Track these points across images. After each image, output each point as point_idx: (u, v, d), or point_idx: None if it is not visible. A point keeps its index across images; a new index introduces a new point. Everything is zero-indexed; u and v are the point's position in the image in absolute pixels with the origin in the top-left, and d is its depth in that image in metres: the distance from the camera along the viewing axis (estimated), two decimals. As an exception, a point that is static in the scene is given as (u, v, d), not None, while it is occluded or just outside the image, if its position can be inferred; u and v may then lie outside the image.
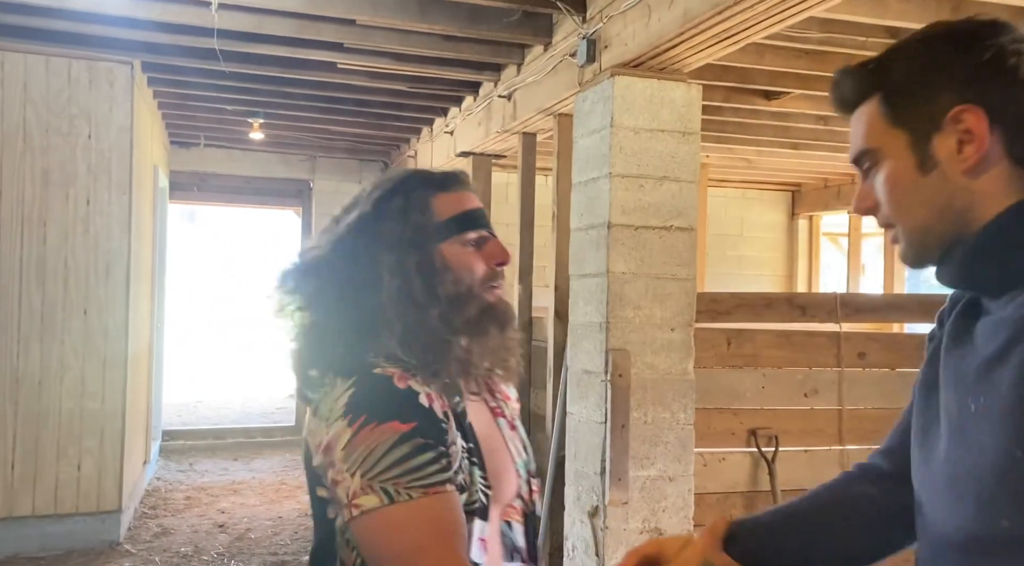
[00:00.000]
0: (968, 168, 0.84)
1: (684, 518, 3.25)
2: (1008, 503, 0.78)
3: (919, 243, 0.89)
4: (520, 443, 1.20)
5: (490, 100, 4.77)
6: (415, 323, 1.05)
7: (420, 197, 1.11)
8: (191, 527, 4.85)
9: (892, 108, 0.87)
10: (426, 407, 1.00)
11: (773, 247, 8.47)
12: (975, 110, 0.82)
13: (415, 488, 0.95)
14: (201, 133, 6.79)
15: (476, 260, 1.11)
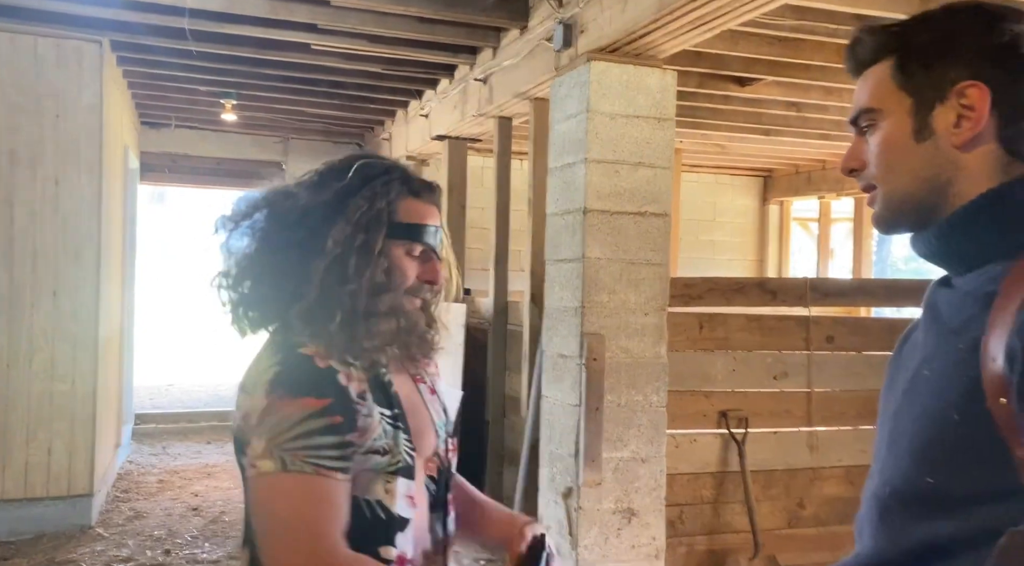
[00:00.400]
0: (961, 142, 0.86)
1: (657, 498, 3.31)
2: (937, 462, 0.82)
3: (896, 209, 0.91)
4: (440, 406, 1.30)
5: (466, 83, 4.76)
6: (333, 293, 1.14)
7: (394, 191, 1.20)
8: (164, 510, 4.84)
9: (903, 72, 0.89)
10: (343, 386, 1.09)
11: (744, 232, 8.57)
12: (981, 87, 0.84)
13: (309, 464, 1.05)
14: (172, 114, 6.69)
15: (412, 269, 1.22)
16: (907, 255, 15.69)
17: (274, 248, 1.18)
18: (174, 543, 4.26)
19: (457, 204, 5.46)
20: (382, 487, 1.12)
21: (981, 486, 0.78)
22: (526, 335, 4.16)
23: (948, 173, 0.87)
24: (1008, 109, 0.85)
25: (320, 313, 1.14)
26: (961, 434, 0.80)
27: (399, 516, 1.13)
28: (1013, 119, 0.86)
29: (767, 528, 3.74)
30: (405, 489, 1.14)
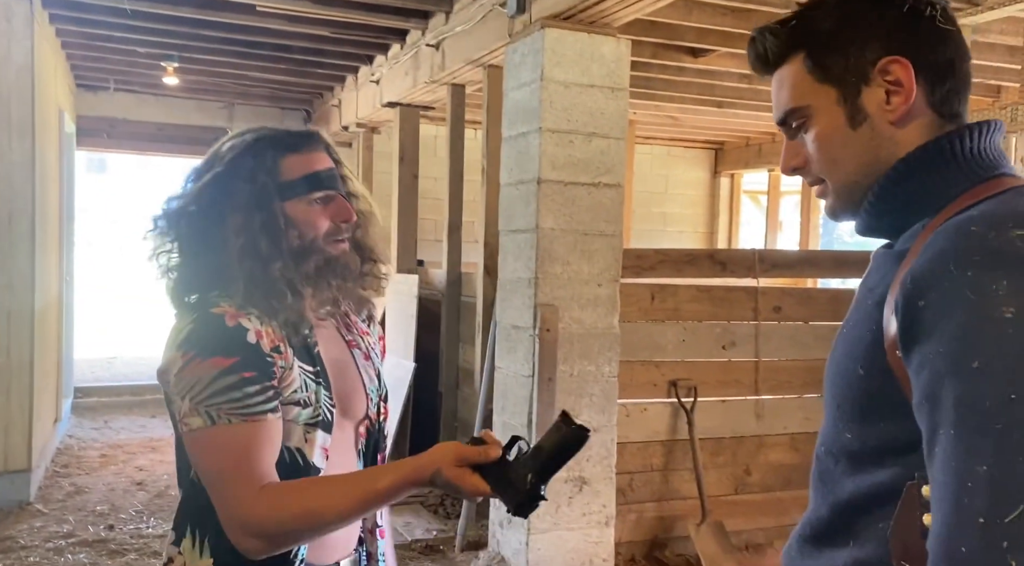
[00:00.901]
0: (896, 118, 0.85)
1: (607, 467, 3.34)
2: (851, 417, 0.84)
3: (847, 198, 0.90)
4: (374, 372, 1.35)
5: (417, 49, 4.66)
6: (259, 276, 1.18)
7: (269, 158, 1.22)
8: (107, 485, 4.72)
9: (818, 65, 0.88)
10: (252, 343, 1.14)
11: (695, 204, 8.65)
12: (902, 61, 0.84)
13: (235, 414, 1.11)
14: (111, 76, 6.42)
15: (320, 217, 1.24)
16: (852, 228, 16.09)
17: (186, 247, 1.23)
18: (118, 518, 4.17)
19: (409, 173, 5.38)
20: (301, 436, 1.18)
21: (891, 439, 0.80)
22: (479, 306, 4.14)
23: (888, 150, 0.86)
24: (931, 74, 0.85)
25: (261, 296, 1.18)
26: (867, 388, 0.82)
27: (314, 465, 1.19)
28: (938, 82, 0.85)
29: (714, 494, 3.81)
30: (322, 441, 1.20)
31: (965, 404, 0.68)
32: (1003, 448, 0.65)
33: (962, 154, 0.84)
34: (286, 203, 1.22)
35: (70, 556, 3.67)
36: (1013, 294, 0.68)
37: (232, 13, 4.44)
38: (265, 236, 1.19)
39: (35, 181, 4.26)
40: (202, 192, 1.22)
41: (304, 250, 1.22)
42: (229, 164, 1.22)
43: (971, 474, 0.66)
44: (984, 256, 0.71)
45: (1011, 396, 0.66)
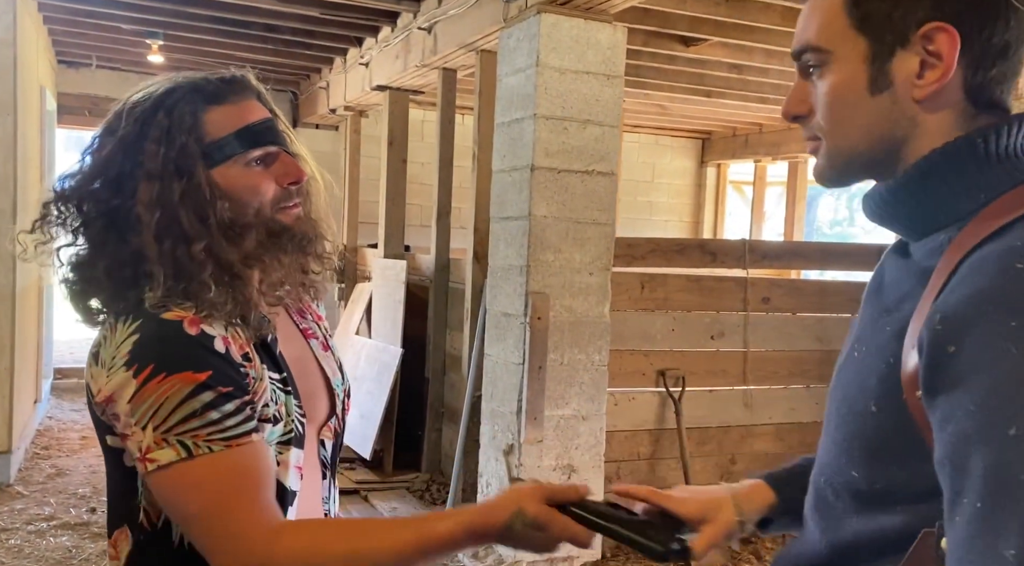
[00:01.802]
0: (923, 96, 0.74)
1: (596, 455, 3.35)
2: (860, 456, 0.77)
3: (842, 165, 0.81)
4: (334, 364, 1.15)
5: (409, 32, 4.61)
6: (184, 260, 0.94)
7: (187, 113, 0.96)
8: (88, 467, 4.68)
9: (859, 7, 0.75)
10: (222, 353, 0.93)
11: (681, 193, 8.66)
12: (950, 31, 0.72)
13: (216, 441, 0.89)
14: (93, 53, 6.30)
15: (264, 180, 1.00)
16: (832, 219, 16.19)
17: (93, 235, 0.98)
18: (99, 501, 4.13)
19: (398, 158, 5.33)
20: (274, 458, 0.98)
21: (902, 484, 0.73)
22: (468, 293, 4.12)
23: (904, 130, 0.76)
24: (977, 57, 0.73)
25: (186, 287, 0.95)
26: (880, 427, 0.74)
27: (290, 490, 1.00)
28: (982, 67, 0.73)
29: (700, 483, 3.84)
30: (295, 460, 1.01)
31: (995, 476, 0.60)
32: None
33: (996, 154, 0.73)
34: (215, 169, 0.97)
35: (52, 539, 3.63)
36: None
37: (220, -9, 4.37)
38: (185, 209, 0.94)
39: (16, 159, 4.18)
40: (106, 163, 0.97)
41: (240, 224, 0.98)
42: (137, 125, 0.96)
43: (997, 558, 0.59)
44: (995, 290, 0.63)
45: None
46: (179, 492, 0.90)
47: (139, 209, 0.94)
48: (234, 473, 0.90)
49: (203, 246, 0.95)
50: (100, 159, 0.98)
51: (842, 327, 3.95)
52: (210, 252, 0.95)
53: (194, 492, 0.89)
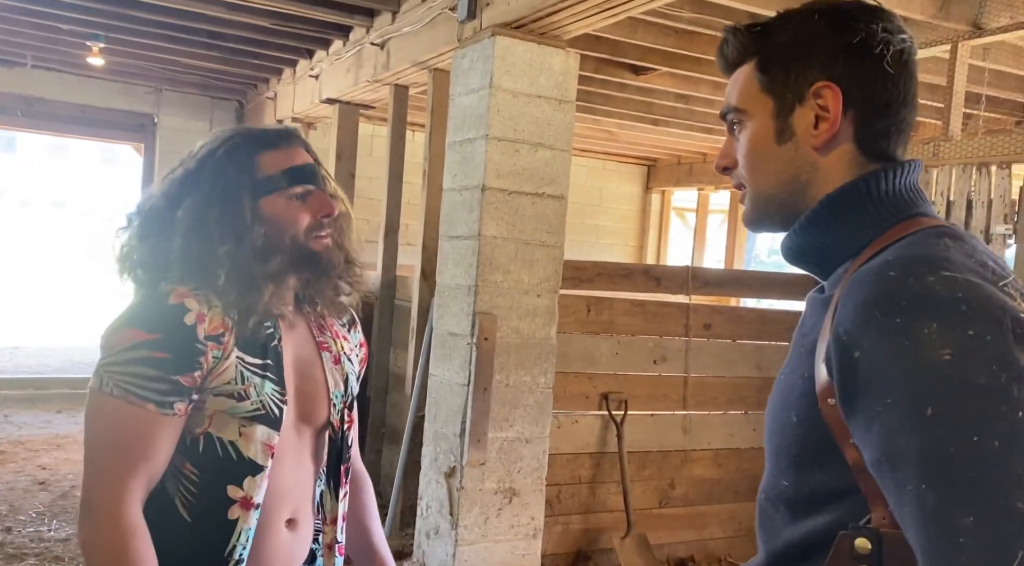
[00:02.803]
0: (819, 144, 0.86)
1: (538, 478, 3.33)
2: (787, 465, 0.84)
3: (761, 209, 0.92)
4: (341, 377, 1.31)
5: (361, 47, 4.58)
6: (206, 256, 1.16)
7: (244, 154, 1.21)
8: (6, 484, 4.45)
9: (765, 74, 0.89)
10: (187, 325, 1.11)
11: (627, 218, 8.78)
12: (833, 88, 0.85)
13: (119, 387, 1.09)
14: (28, 52, 6.07)
15: (300, 212, 1.22)
16: (770, 248, 16.65)
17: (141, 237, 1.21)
18: (17, 520, 3.93)
19: (345, 172, 5.27)
20: (236, 429, 1.15)
21: (823, 487, 0.79)
22: (414, 311, 4.08)
23: (807, 175, 0.88)
24: (862, 109, 0.86)
25: (198, 276, 1.16)
26: (800, 436, 0.82)
27: (250, 460, 1.16)
28: (867, 120, 0.86)
29: (639, 508, 3.85)
30: (264, 436, 1.16)
31: (929, 457, 0.66)
32: (983, 495, 0.63)
33: (879, 195, 0.84)
34: (262, 200, 1.20)
35: (-38, 561, 3.43)
36: (945, 336, 0.68)
37: (168, -5, 4.27)
38: (219, 226, 1.17)
39: (-58, 158, 3.99)
40: (170, 187, 1.22)
41: (270, 248, 1.19)
42: (199, 160, 1.22)
43: (958, 529, 0.63)
44: (909, 301, 0.71)
45: (973, 439, 0.64)
46: (89, 413, 1.12)
47: (179, 216, 1.17)
48: (117, 422, 1.09)
49: (225, 250, 1.16)
50: (167, 183, 1.23)
51: (780, 355, 4.03)
52: (230, 256, 1.16)
53: (94, 417, 1.11)
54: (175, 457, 1.14)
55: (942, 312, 0.69)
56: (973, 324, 0.68)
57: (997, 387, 0.66)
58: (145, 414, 1.09)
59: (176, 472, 1.15)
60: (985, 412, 0.66)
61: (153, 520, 1.11)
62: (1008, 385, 0.66)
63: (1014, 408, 0.65)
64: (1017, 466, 0.64)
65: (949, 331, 0.68)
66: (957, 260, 0.75)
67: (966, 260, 0.75)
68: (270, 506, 1.19)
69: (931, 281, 0.71)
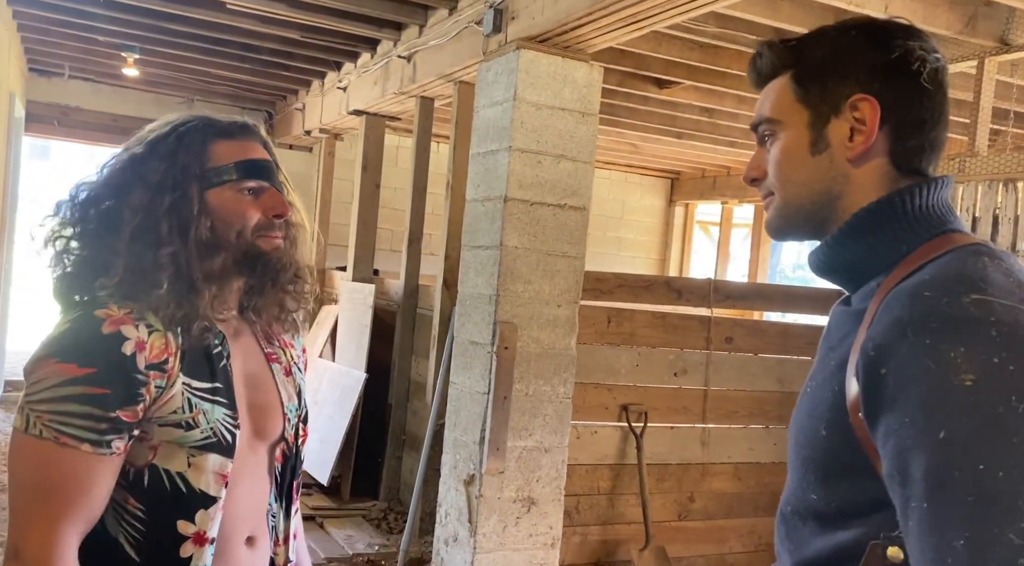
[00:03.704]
0: (853, 156, 0.88)
1: (556, 488, 3.35)
2: (815, 478, 0.85)
3: (789, 217, 0.93)
4: (294, 389, 1.23)
5: (388, 59, 4.65)
6: (146, 262, 1.06)
7: (196, 140, 1.11)
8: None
9: (801, 86, 0.91)
10: (124, 355, 1.01)
11: (650, 231, 8.78)
12: (872, 101, 0.86)
13: (49, 428, 0.98)
14: (66, 63, 6.24)
15: (251, 208, 1.13)
16: (796, 263, 16.51)
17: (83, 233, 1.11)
18: None
19: (371, 182, 5.35)
20: (185, 460, 1.06)
21: (853, 500, 0.80)
22: (436, 320, 4.12)
23: (839, 186, 0.89)
24: (898, 124, 0.87)
25: (138, 284, 1.05)
26: (830, 449, 0.83)
27: (201, 492, 1.06)
28: (902, 135, 0.87)
29: (658, 520, 3.85)
30: (216, 466, 1.07)
31: (934, 477, 0.68)
32: (977, 520, 0.65)
33: (912, 211, 0.86)
34: (210, 191, 1.10)
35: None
36: (970, 361, 0.69)
37: (200, 8, 4.37)
38: (168, 219, 1.07)
39: (-19, 165, 4.11)
40: (113, 174, 1.11)
41: (217, 243, 1.10)
42: (148, 145, 1.11)
43: (949, 550, 0.65)
44: (941, 323, 0.72)
45: (979, 466, 0.66)
46: (12, 454, 1.02)
47: (125, 211, 1.07)
48: (46, 465, 0.98)
49: (169, 252, 1.06)
50: (110, 170, 1.12)
51: (803, 369, 4.02)
52: (174, 259, 1.06)
53: (18, 459, 1.01)
54: (116, 493, 1.05)
55: (971, 336, 0.70)
56: (1000, 351, 0.69)
57: (1013, 417, 0.67)
58: (79, 455, 0.99)
59: (118, 509, 1.06)
60: (995, 441, 0.67)
61: (97, 563, 1.04)
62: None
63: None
64: (1018, 497, 0.65)
65: (975, 356, 0.69)
66: (996, 281, 0.75)
67: (1005, 280, 0.75)
68: (228, 531, 1.11)
69: (965, 302, 0.72)
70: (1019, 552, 0.63)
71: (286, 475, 1.21)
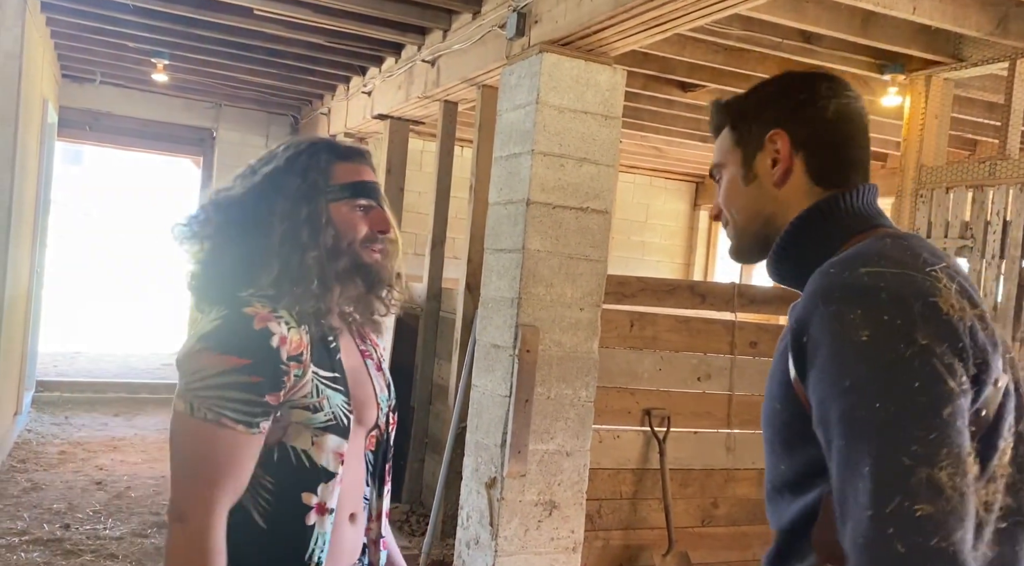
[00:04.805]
0: (776, 181, 1.06)
1: (578, 492, 3.34)
2: (780, 451, 0.97)
3: (742, 240, 1.11)
4: (384, 382, 1.39)
5: (412, 64, 4.68)
6: (295, 264, 1.23)
7: (323, 160, 1.30)
8: (65, 483, 4.62)
9: (735, 132, 1.10)
10: (273, 348, 1.16)
11: (674, 235, 8.73)
12: (783, 134, 1.05)
13: (213, 411, 1.13)
14: (97, 69, 6.36)
15: (361, 222, 1.30)
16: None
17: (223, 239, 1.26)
18: (74, 518, 4.07)
19: (395, 186, 5.38)
20: (310, 439, 1.20)
21: (812, 462, 0.91)
22: (459, 323, 4.13)
23: (770, 207, 1.06)
24: (811, 150, 1.05)
25: (289, 282, 1.22)
26: (785, 421, 0.95)
27: (323, 468, 1.21)
28: (816, 157, 1.05)
29: (681, 525, 3.82)
30: (335, 446, 1.22)
31: (845, 418, 0.82)
32: (876, 449, 0.78)
33: (838, 214, 1.02)
34: (331, 204, 1.28)
35: (23, 554, 3.57)
36: (865, 320, 0.83)
37: (228, 15, 4.43)
38: (308, 226, 1.25)
39: (14, 170, 4.19)
40: (256, 184, 1.29)
41: (337, 249, 1.27)
42: (285, 161, 1.30)
43: (858, 476, 0.79)
44: (841, 292, 0.86)
45: (875, 404, 0.80)
46: (176, 435, 1.16)
47: (274, 219, 1.24)
48: (209, 444, 1.14)
49: (314, 255, 1.24)
50: (253, 180, 1.29)
51: (828, 374, 3.96)
52: (318, 262, 1.24)
53: (184, 440, 1.15)
54: None
55: (865, 300, 0.85)
56: (888, 310, 0.83)
57: (900, 361, 0.81)
58: (236, 435, 1.14)
59: (252, 482, 1.19)
60: (888, 382, 0.80)
61: (229, 530, 1.17)
62: (911, 359, 0.81)
63: (912, 378, 0.80)
64: (909, 426, 0.78)
65: (869, 316, 0.83)
66: (891, 255, 0.90)
67: (901, 255, 0.90)
68: (339, 506, 1.25)
69: (861, 273, 0.87)
70: (910, 471, 0.77)
71: (379, 458, 1.36)
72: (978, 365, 0.84)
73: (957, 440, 0.78)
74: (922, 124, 4.00)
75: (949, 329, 0.83)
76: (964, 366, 0.82)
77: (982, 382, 0.85)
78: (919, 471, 0.76)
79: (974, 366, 0.84)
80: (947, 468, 0.76)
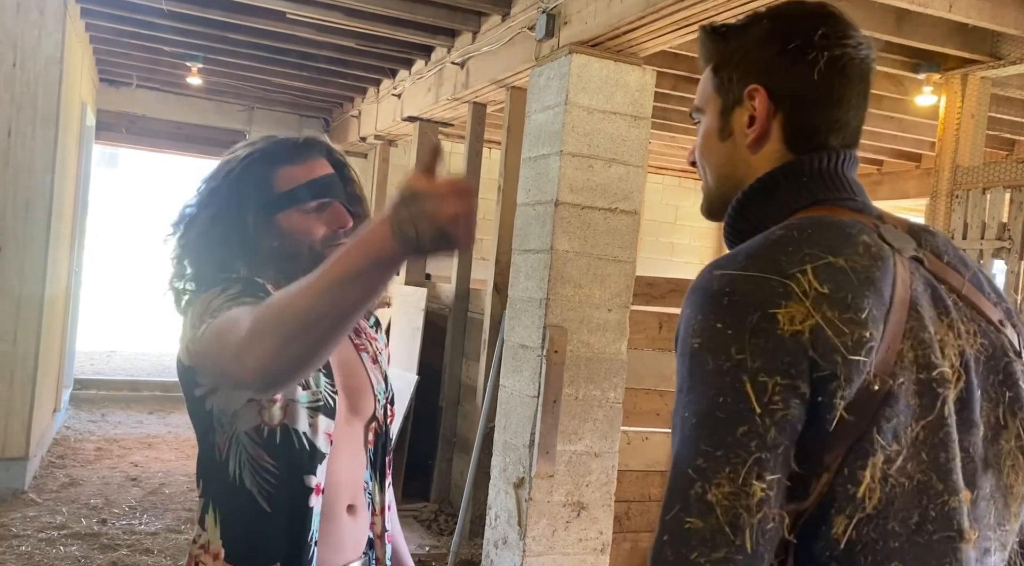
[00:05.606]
0: (751, 142, 0.93)
1: (607, 493, 3.33)
2: None
3: (712, 200, 0.99)
4: (380, 374, 1.39)
5: (442, 66, 4.71)
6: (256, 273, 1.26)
7: (260, 170, 1.27)
8: (101, 479, 4.71)
9: (716, 76, 0.96)
10: (259, 282, 1.21)
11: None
12: (762, 92, 0.91)
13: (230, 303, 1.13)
14: (134, 72, 6.48)
15: (316, 224, 1.27)
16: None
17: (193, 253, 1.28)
18: (111, 513, 4.16)
19: (424, 187, 5.40)
20: (307, 420, 1.21)
21: None
22: (487, 323, 4.15)
23: (742, 170, 0.94)
24: (791, 110, 0.91)
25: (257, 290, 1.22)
26: None
27: (319, 449, 1.22)
28: (795, 119, 0.92)
29: (710, 528, 3.79)
30: (325, 427, 1.23)
31: (674, 420, 0.82)
32: (676, 456, 0.79)
33: (792, 182, 0.91)
34: (279, 215, 1.26)
35: (62, 548, 3.65)
36: (702, 326, 0.80)
37: (261, 18, 4.49)
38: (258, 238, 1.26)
39: (55, 171, 4.29)
40: (203, 199, 1.29)
41: (290, 254, 1.25)
42: (224, 177, 1.29)
43: (677, 472, 0.79)
44: (694, 295, 0.83)
45: (685, 414, 0.79)
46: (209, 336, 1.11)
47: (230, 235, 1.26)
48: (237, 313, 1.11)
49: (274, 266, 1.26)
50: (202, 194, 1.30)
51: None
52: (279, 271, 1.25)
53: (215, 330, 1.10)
54: (253, 450, 1.19)
55: (708, 305, 0.81)
56: (724, 318, 0.79)
57: (716, 374, 0.78)
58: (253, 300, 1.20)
59: (254, 465, 1.19)
60: (699, 394, 0.79)
61: (234, 513, 1.19)
62: (724, 373, 0.78)
63: (719, 393, 0.78)
64: (700, 440, 0.77)
65: (705, 322, 0.80)
66: (762, 255, 0.82)
67: (776, 254, 0.82)
68: (333, 493, 1.25)
69: (715, 276, 0.82)
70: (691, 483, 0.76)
71: (378, 451, 1.36)
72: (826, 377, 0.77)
73: (747, 459, 0.75)
74: (958, 124, 3.94)
75: (776, 344, 0.77)
76: (791, 382, 0.76)
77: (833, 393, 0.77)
78: (696, 485, 0.76)
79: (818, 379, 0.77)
80: (724, 487, 0.75)
